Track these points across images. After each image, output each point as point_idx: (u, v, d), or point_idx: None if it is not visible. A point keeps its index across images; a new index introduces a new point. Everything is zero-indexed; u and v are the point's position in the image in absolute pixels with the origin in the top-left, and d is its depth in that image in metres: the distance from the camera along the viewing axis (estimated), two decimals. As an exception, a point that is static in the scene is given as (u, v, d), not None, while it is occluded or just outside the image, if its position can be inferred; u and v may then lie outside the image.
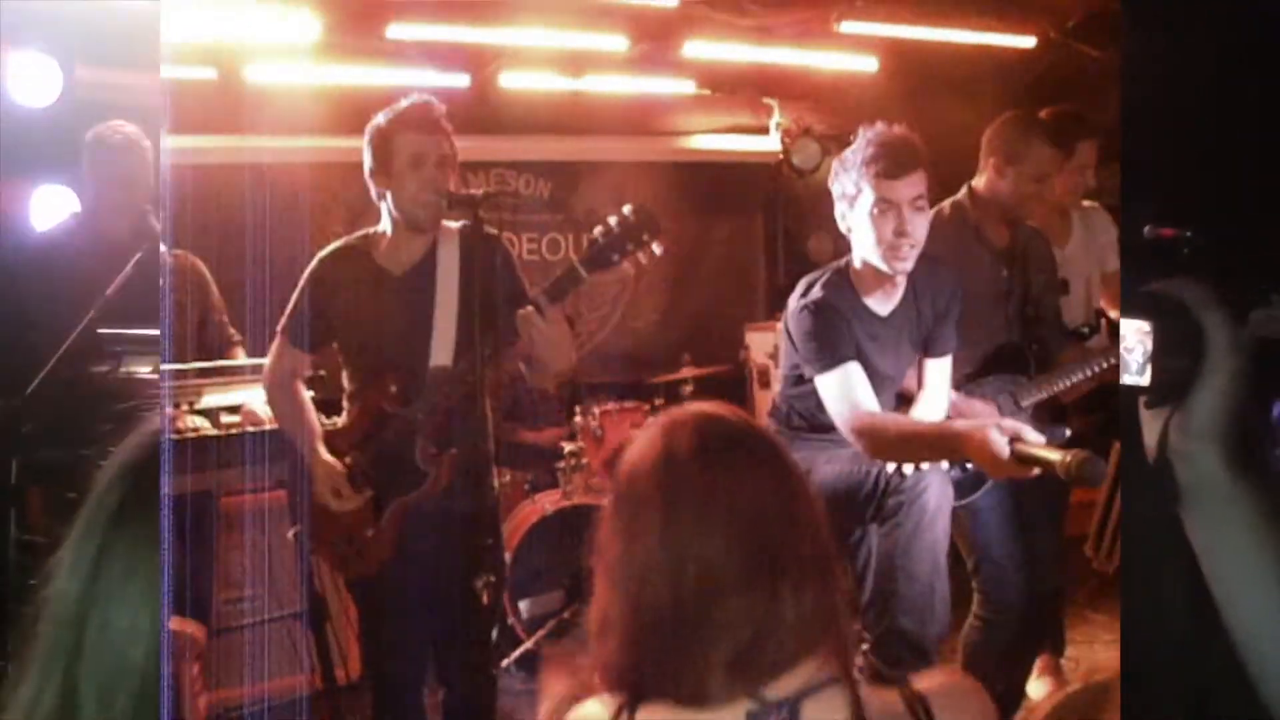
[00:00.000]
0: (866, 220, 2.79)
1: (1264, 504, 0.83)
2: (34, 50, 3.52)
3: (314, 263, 2.93)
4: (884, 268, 2.82)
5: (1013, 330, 3.27)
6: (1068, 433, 3.18)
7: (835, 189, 2.90)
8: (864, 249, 2.86)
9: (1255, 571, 0.82)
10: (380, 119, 2.86)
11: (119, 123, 3.41)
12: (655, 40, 5.46)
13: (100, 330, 2.90)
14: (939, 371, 3.08)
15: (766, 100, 6.33)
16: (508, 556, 4.06)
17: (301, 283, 2.93)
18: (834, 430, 2.89)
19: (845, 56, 5.63)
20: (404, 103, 2.86)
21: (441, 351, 2.84)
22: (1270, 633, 0.82)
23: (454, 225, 2.92)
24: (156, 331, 2.74)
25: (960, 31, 5.37)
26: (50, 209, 3.58)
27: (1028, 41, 5.60)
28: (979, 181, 3.35)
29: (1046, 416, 3.34)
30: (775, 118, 6.37)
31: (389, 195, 2.85)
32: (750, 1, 5.29)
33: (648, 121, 6.18)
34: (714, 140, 6.37)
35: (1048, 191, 3.35)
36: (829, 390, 2.81)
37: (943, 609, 2.81)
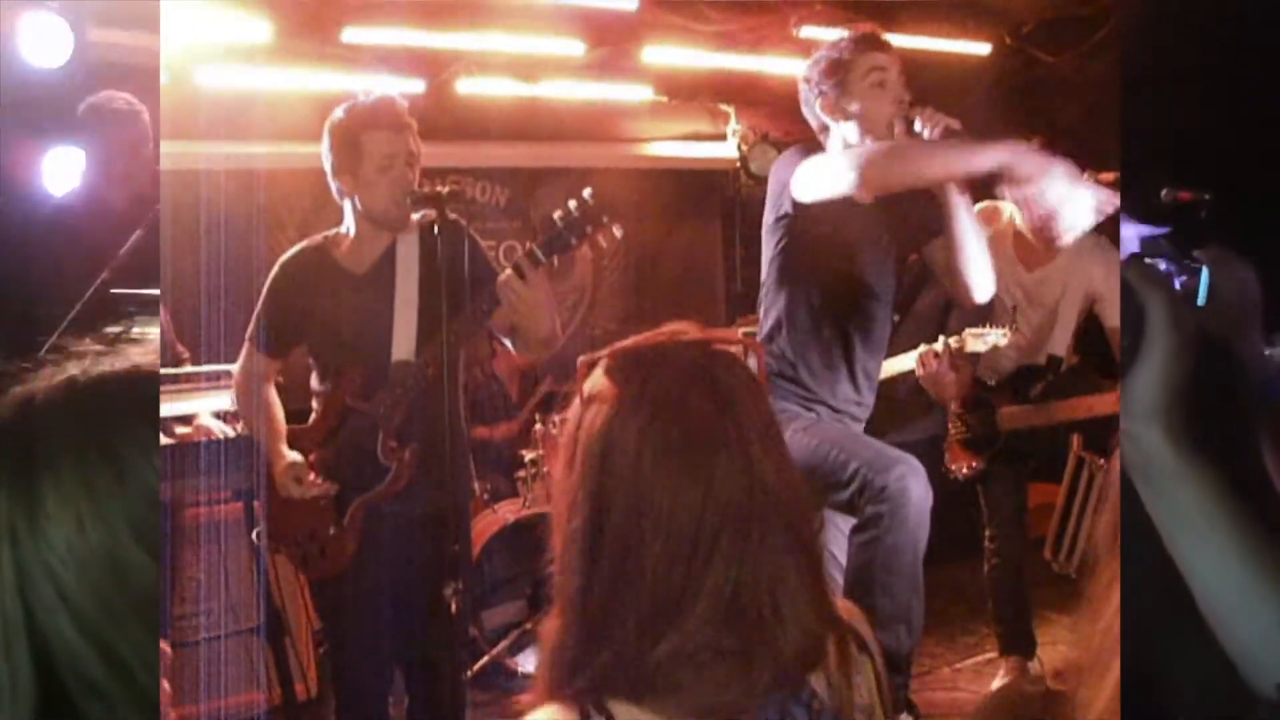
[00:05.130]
0: (866, 95, 2.86)
1: (1212, 481, 0.83)
2: (46, 11, 3.47)
3: (275, 269, 2.89)
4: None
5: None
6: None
7: (813, 85, 3.02)
8: (856, 131, 2.88)
9: (1211, 548, 0.82)
10: (342, 114, 2.77)
11: (117, 92, 3.39)
12: (613, 45, 5.43)
13: (113, 290, 2.87)
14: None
15: (724, 107, 6.33)
16: (469, 567, 4.02)
17: (265, 290, 2.90)
18: (814, 390, 2.87)
19: (803, 63, 5.62)
20: (367, 98, 2.78)
21: (403, 346, 2.80)
22: (1235, 609, 0.82)
23: (414, 217, 2.86)
24: (158, 291, 2.70)
25: (917, 38, 5.40)
26: (61, 170, 3.53)
27: (983, 48, 5.64)
28: None
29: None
30: (732, 124, 6.37)
31: (356, 198, 2.80)
32: (709, 7, 5.28)
33: (605, 127, 6.14)
34: (671, 147, 6.35)
35: None
36: (830, 159, 2.84)
37: (919, 622, 2.71)
